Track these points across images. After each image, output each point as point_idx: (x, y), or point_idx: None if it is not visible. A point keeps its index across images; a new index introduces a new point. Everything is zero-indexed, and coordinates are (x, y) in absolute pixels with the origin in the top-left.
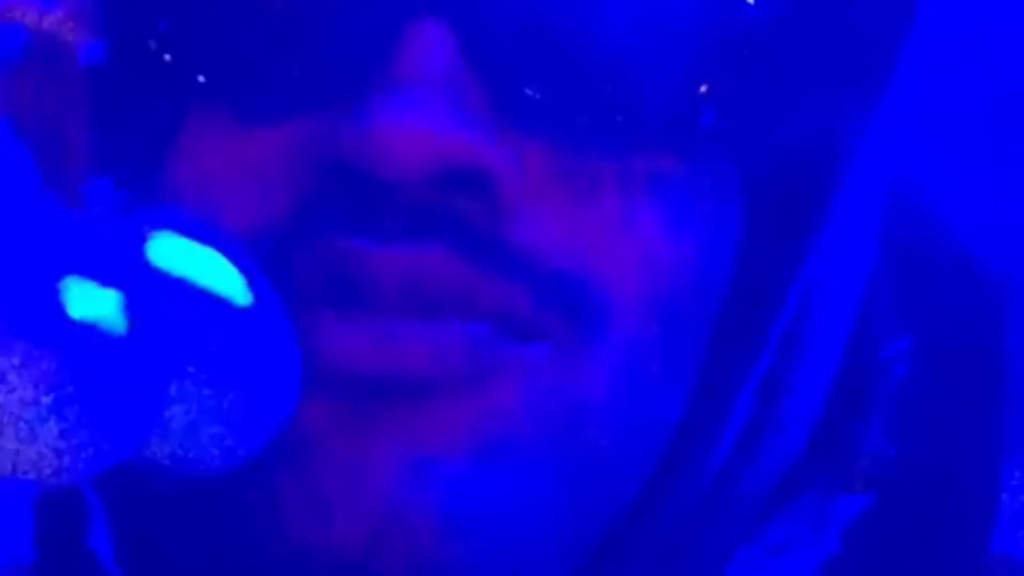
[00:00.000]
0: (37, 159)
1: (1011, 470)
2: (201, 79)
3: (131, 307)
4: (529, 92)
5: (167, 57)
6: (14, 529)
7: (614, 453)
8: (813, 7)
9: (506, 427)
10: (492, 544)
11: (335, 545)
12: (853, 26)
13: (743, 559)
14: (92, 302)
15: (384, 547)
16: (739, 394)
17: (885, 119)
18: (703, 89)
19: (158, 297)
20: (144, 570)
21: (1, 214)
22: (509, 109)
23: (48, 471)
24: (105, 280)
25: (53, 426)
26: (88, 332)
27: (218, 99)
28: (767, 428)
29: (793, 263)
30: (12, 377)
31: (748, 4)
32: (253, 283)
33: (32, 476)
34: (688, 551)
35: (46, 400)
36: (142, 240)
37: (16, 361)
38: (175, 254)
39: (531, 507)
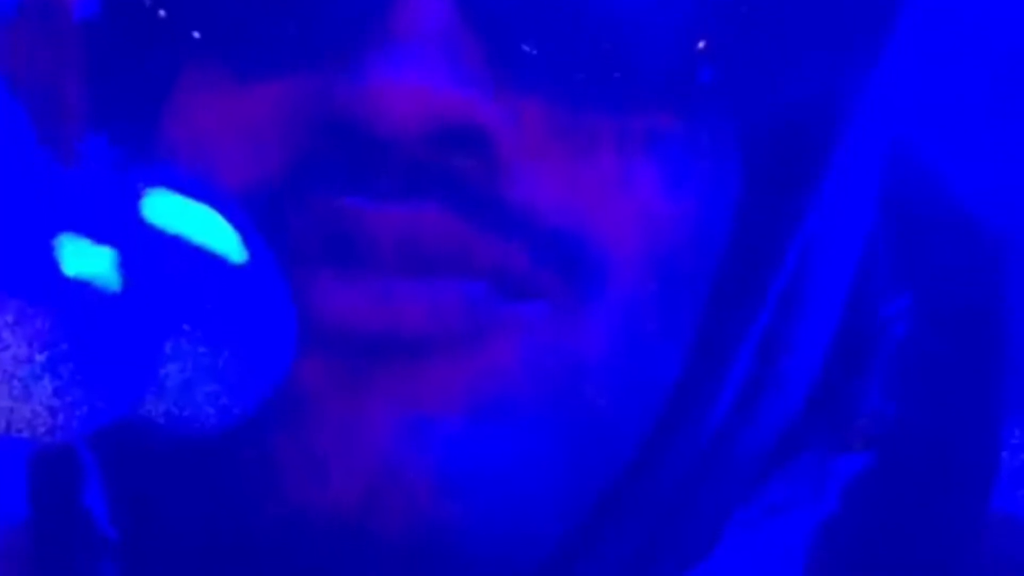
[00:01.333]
0: (31, 116)
1: (1011, 428)
2: (196, 35)
3: (126, 265)
4: (526, 49)
5: (161, 13)
6: (8, 488)
7: (612, 412)
8: None
9: (503, 386)
10: (489, 503)
11: (331, 504)
12: None
13: (741, 519)
14: (86, 260)
15: (380, 506)
16: (737, 352)
17: (884, 76)
18: (701, 45)
19: (153, 255)
20: (138, 529)
21: None
22: (506, 66)
23: (42, 429)
24: (99, 238)
25: (47, 384)
26: (82, 290)
27: (213, 56)
28: (765, 386)
29: (791, 221)
30: (6, 335)
31: None
32: (248, 241)
33: (26, 434)
34: (686, 510)
35: (40, 358)
36: (137, 197)
37: (10, 319)
38: (170, 211)
39: (528, 466)
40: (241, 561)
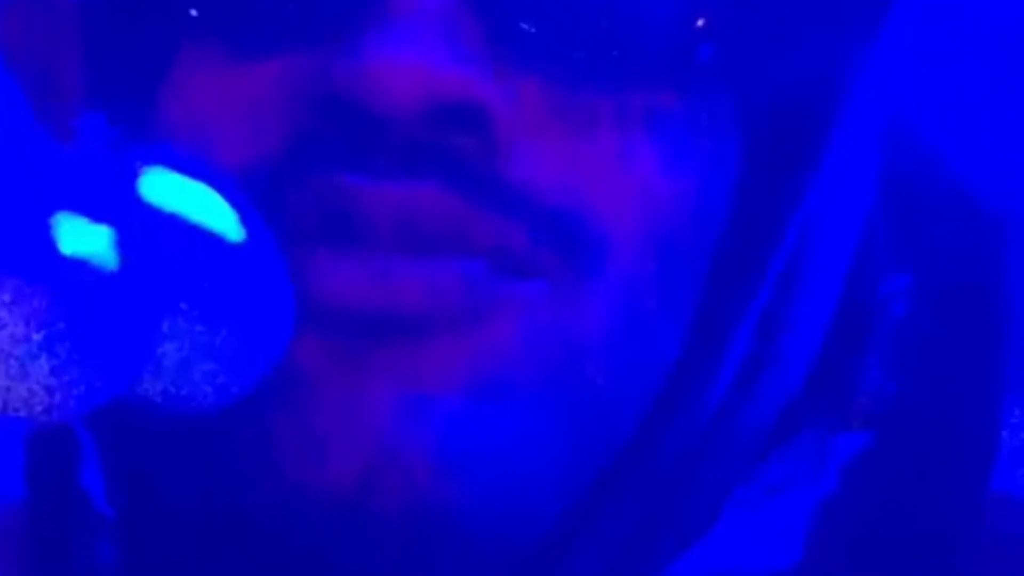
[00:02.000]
0: (29, 93)
1: (1011, 408)
2: (194, 13)
3: (123, 243)
4: (524, 27)
5: None
6: (5, 467)
7: (611, 390)
8: None
9: (502, 365)
10: (488, 482)
11: (329, 484)
12: None
13: (741, 497)
14: (84, 238)
15: (378, 486)
16: (737, 331)
17: (883, 55)
18: (700, 23)
19: (150, 233)
20: (136, 508)
21: None
22: (504, 44)
23: (39, 408)
24: (97, 216)
25: (44, 363)
26: (80, 268)
27: (211, 33)
28: (765, 365)
29: (791, 199)
30: (3, 314)
31: None
32: (246, 219)
33: (23, 413)
34: (685, 489)
35: (37, 337)
36: (134, 176)
37: (7, 298)
38: (167, 190)
39: (527, 445)
40: (238, 540)
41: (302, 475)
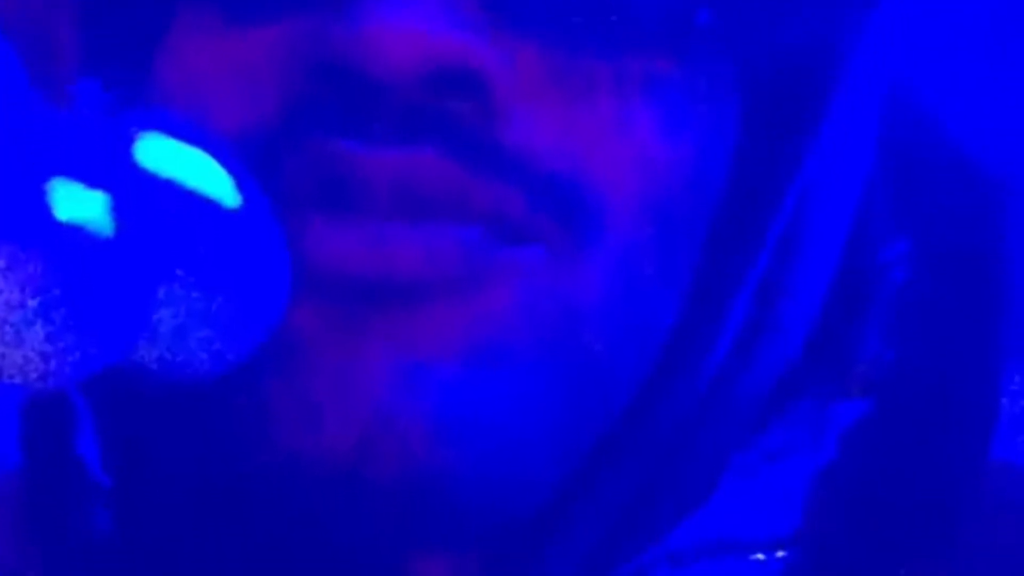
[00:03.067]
0: (23, 58)
1: (1011, 375)
2: None
3: (118, 209)
4: None
5: None
6: (0, 434)
7: (609, 357)
8: None
9: (499, 331)
10: (485, 449)
11: (324, 451)
12: None
13: (739, 465)
14: (79, 204)
15: (375, 453)
16: (735, 297)
17: (883, 19)
18: None
19: (146, 199)
20: (131, 475)
21: None
22: (502, 9)
23: (34, 375)
24: (92, 182)
25: (39, 330)
26: (75, 234)
27: None
28: (764, 331)
29: (790, 165)
30: None
31: None
32: (242, 185)
33: (18, 380)
34: (683, 456)
35: (32, 303)
36: (130, 141)
37: (1, 264)
38: (163, 156)
39: (525, 412)
40: (234, 507)
41: (298, 441)
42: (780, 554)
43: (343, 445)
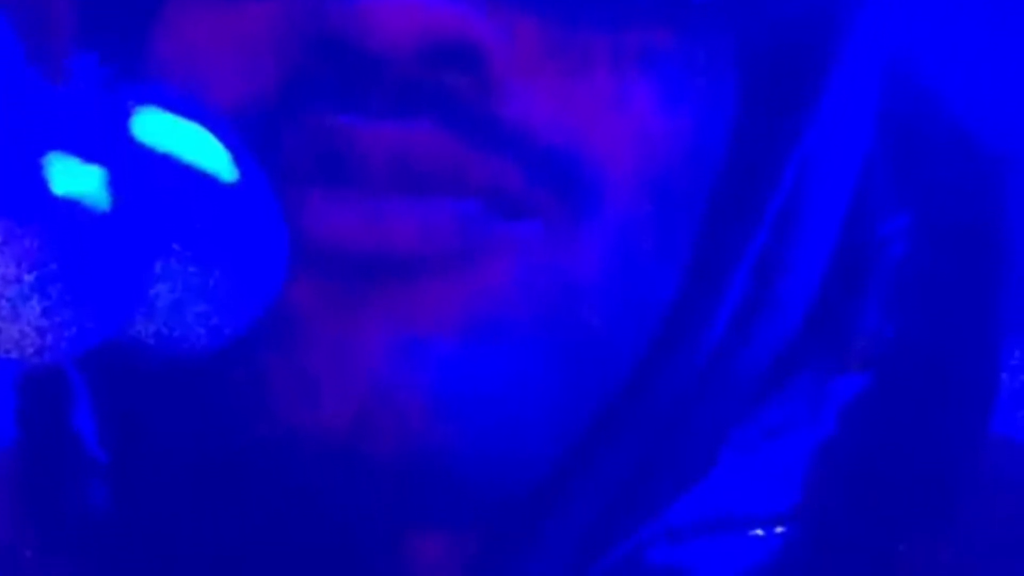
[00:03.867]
0: (19, 32)
1: (1011, 349)
2: None
3: (115, 183)
4: None
5: None
6: None
7: (607, 332)
8: None
9: (497, 306)
10: (483, 425)
11: (322, 426)
12: None
13: (738, 441)
14: (76, 178)
15: (372, 428)
16: (734, 272)
17: None
18: None
19: (143, 173)
20: (128, 451)
21: None
22: None
23: (31, 350)
24: (89, 156)
25: (36, 304)
26: (71, 209)
27: None
28: (762, 306)
29: (789, 139)
30: None
31: None
32: (239, 159)
33: (14, 355)
34: (682, 431)
35: (29, 278)
36: (127, 115)
37: None
38: (160, 130)
39: (523, 387)
40: (231, 482)
41: (295, 416)
42: (779, 530)
43: (340, 420)
